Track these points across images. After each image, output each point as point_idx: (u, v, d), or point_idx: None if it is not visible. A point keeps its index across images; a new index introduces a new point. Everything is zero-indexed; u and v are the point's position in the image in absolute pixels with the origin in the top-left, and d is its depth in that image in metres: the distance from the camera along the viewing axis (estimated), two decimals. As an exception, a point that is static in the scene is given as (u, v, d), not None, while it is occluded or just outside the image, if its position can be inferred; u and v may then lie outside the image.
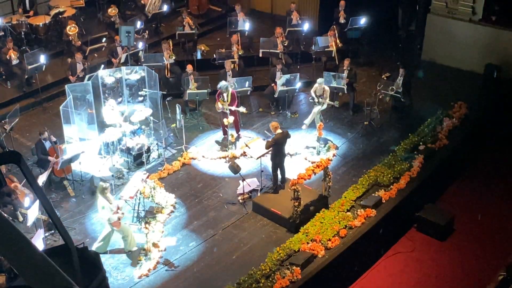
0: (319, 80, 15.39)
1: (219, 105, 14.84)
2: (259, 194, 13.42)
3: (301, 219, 12.48)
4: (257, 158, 13.58)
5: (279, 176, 13.42)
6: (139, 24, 18.59)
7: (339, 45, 17.88)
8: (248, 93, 16.39)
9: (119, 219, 11.63)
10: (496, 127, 16.36)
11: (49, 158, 13.35)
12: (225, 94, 14.78)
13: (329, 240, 12.02)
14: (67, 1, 19.65)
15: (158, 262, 11.70)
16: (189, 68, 16.15)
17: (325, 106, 15.49)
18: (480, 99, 16.96)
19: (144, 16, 19.35)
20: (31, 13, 18.90)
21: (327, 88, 15.42)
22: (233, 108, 14.95)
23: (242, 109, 15.20)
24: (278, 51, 17.54)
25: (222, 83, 14.92)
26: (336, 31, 17.91)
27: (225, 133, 15.22)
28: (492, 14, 18.27)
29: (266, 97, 16.85)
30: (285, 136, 13.26)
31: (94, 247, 11.79)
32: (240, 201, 13.38)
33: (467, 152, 15.59)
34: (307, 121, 15.65)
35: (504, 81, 17.57)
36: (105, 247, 11.89)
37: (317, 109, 15.39)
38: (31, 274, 3.97)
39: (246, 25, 18.88)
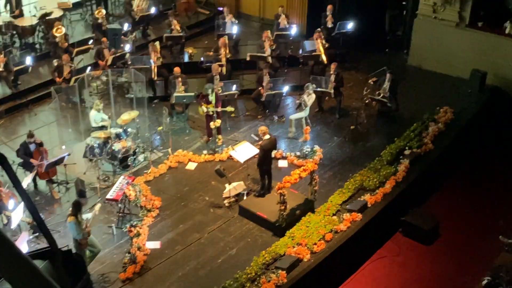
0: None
1: (204, 108, 14.82)
2: (245, 197, 13.40)
3: (287, 223, 12.48)
4: (244, 162, 13.58)
5: (266, 180, 13.41)
6: (126, 27, 18.55)
7: (326, 45, 17.91)
8: (235, 96, 16.40)
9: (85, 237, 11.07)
10: (481, 132, 16.48)
11: (32, 160, 13.22)
12: (209, 96, 14.79)
13: (315, 244, 12.03)
14: (54, 3, 19.57)
15: (143, 266, 11.65)
16: (177, 71, 16.12)
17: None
18: (466, 104, 17.05)
19: (131, 19, 19.30)
20: (17, 12, 18.79)
21: (313, 95, 15.45)
22: (220, 109, 14.96)
23: (230, 109, 15.22)
24: (265, 55, 17.55)
25: (207, 85, 14.94)
26: (321, 33, 17.95)
27: (210, 135, 15.22)
28: (478, 20, 18.39)
29: (253, 101, 16.85)
30: (272, 142, 13.25)
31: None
32: (226, 204, 13.36)
33: (452, 157, 15.67)
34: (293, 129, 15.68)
35: (491, 87, 17.70)
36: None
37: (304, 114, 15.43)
38: (14, 277, 3.94)
39: (234, 29, 18.88)
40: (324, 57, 17.65)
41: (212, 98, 14.81)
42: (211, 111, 14.76)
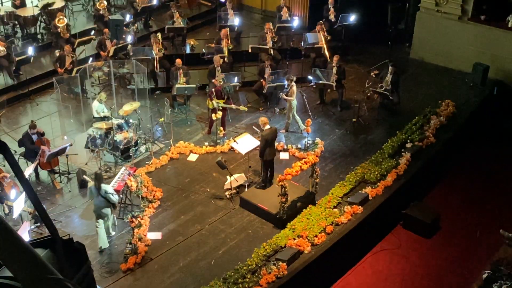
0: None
1: (214, 103, 14.74)
2: (246, 189, 13.41)
3: (288, 215, 12.50)
4: (245, 154, 13.58)
5: (268, 172, 13.41)
6: (128, 18, 18.51)
7: (328, 38, 17.87)
8: (237, 88, 16.38)
9: None
10: (483, 126, 16.47)
11: (42, 147, 13.25)
12: (223, 93, 14.79)
13: (316, 236, 12.04)
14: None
15: (144, 256, 11.68)
16: (178, 62, 16.11)
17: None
18: (468, 98, 17.04)
19: (133, 10, 19.26)
20: (18, 2, 18.74)
21: (294, 87, 15.40)
22: (234, 106, 14.97)
23: (243, 108, 15.23)
24: (267, 47, 17.52)
25: (229, 86, 14.89)
26: (323, 26, 17.92)
27: (211, 128, 15.24)
28: (481, 13, 18.34)
29: (255, 93, 16.84)
30: (273, 132, 13.24)
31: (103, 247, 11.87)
32: (227, 196, 13.37)
33: (453, 151, 15.67)
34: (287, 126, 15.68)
35: (493, 81, 17.68)
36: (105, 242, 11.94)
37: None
38: (15, 264, 3.94)
39: (235, 20, 18.84)
40: (326, 50, 17.62)
41: (224, 95, 14.81)
42: (221, 106, 14.70)
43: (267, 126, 13.14)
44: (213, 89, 14.87)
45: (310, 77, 16.85)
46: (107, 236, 12.03)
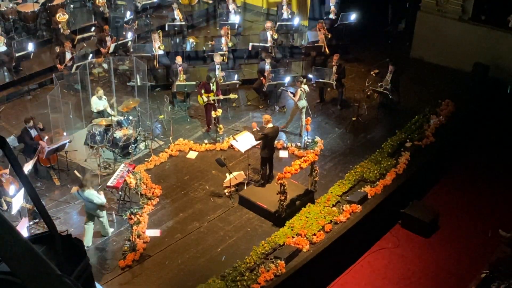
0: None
1: (204, 98, 14.79)
2: (245, 187, 13.41)
3: (286, 213, 12.49)
4: (244, 151, 13.58)
5: (267, 170, 13.41)
6: (128, 14, 18.49)
7: (329, 36, 17.85)
8: (237, 86, 16.37)
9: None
10: (482, 126, 16.46)
11: (40, 142, 13.22)
12: (211, 84, 14.77)
13: (314, 234, 12.04)
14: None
15: (142, 253, 11.67)
16: (178, 59, 16.10)
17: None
18: (468, 97, 17.03)
19: (134, 6, 19.24)
20: (20, -1, 18.76)
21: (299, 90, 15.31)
22: (222, 97, 14.97)
23: (233, 96, 15.20)
24: (268, 45, 17.51)
25: (211, 73, 14.93)
26: (324, 24, 17.90)
27: (209, 125, 15.24)
28: (481, 13, 18.35)
29: (255, 91, 16.83)
30: (275, 131, 13.24)
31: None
32: (226, 194, 13.37)
33: (453, 150, 15.67)
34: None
35: (493, 81, 17.69)
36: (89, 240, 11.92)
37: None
38: (14, 260, 3.94)
39: (236, 18, 18.83)
40: (326, 48, 17.61)
41: (213, 87, 14.81)
42: (212, 99, 14.73)
43: (270, 125, 13.14)
44: (201, 84, 14.93)
45: (310, 76, 16.82)
46: (105, 233, 12.04)
